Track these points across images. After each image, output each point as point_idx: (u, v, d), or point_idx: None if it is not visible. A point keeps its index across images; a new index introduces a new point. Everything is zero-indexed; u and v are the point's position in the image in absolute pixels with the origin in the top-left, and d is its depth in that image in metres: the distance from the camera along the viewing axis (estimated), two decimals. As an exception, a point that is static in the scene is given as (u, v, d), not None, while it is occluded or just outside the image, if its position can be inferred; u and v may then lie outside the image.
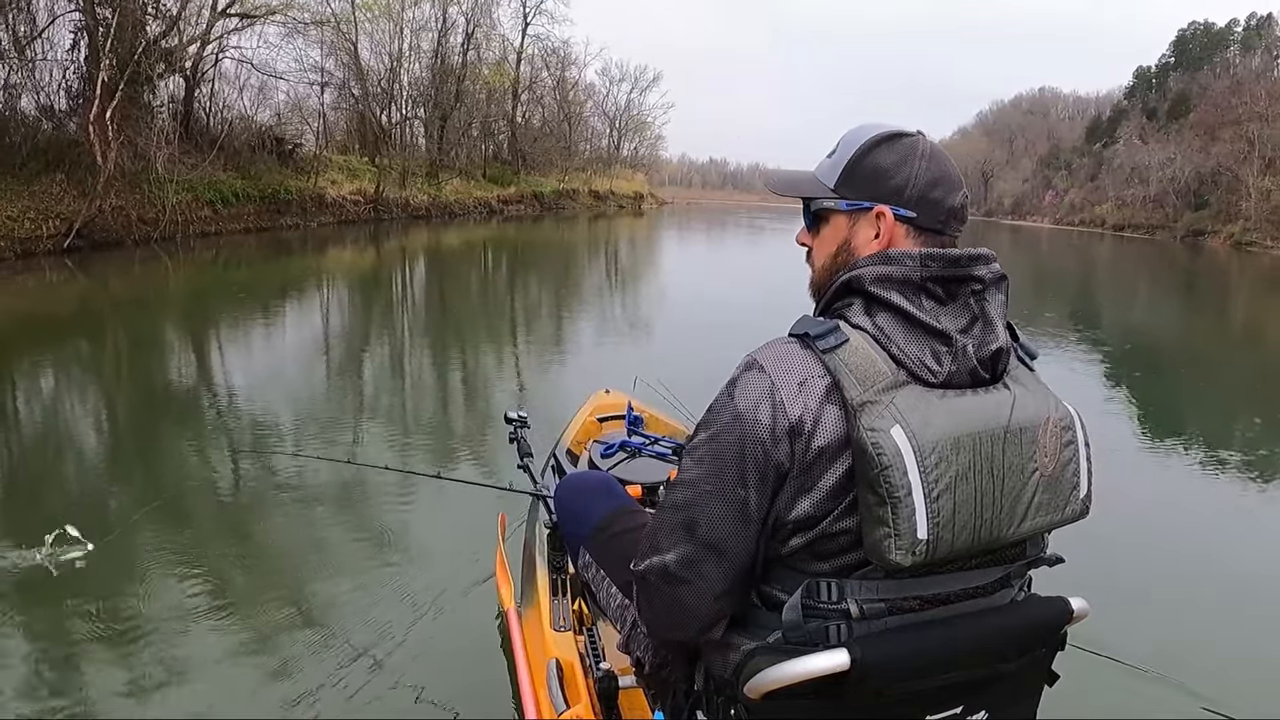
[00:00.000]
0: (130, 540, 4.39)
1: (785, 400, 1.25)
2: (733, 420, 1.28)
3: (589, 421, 4.02)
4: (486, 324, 13.03)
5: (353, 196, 28.20)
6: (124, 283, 15.40)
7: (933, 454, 1.20)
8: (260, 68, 25.68)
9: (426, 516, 4.76)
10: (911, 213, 1.37)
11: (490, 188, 40.84)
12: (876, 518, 1.19)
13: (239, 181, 22.70)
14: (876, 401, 1.21)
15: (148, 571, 4.04)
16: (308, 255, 21.25)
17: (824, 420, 1.24)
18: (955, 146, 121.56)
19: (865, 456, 1.19)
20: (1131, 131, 67.55)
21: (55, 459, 5.80)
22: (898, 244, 1.37)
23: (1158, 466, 6.72)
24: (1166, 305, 21.51)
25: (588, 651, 2.45)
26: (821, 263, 1.48)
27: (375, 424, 6.94)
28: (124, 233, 18.07)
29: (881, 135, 1.42)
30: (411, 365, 9.74)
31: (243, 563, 4.27)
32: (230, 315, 12.23)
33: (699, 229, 41.20)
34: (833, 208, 1.44)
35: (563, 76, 55.33)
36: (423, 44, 38.18)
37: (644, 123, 73.08)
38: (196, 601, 3.76)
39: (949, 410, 1.24)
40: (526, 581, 2.99)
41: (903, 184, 1.37)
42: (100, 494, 5.28)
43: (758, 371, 1.29)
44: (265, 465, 5.65)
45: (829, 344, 1.27)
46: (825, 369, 1.26)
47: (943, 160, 1.41)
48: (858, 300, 1.34)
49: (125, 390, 8.09)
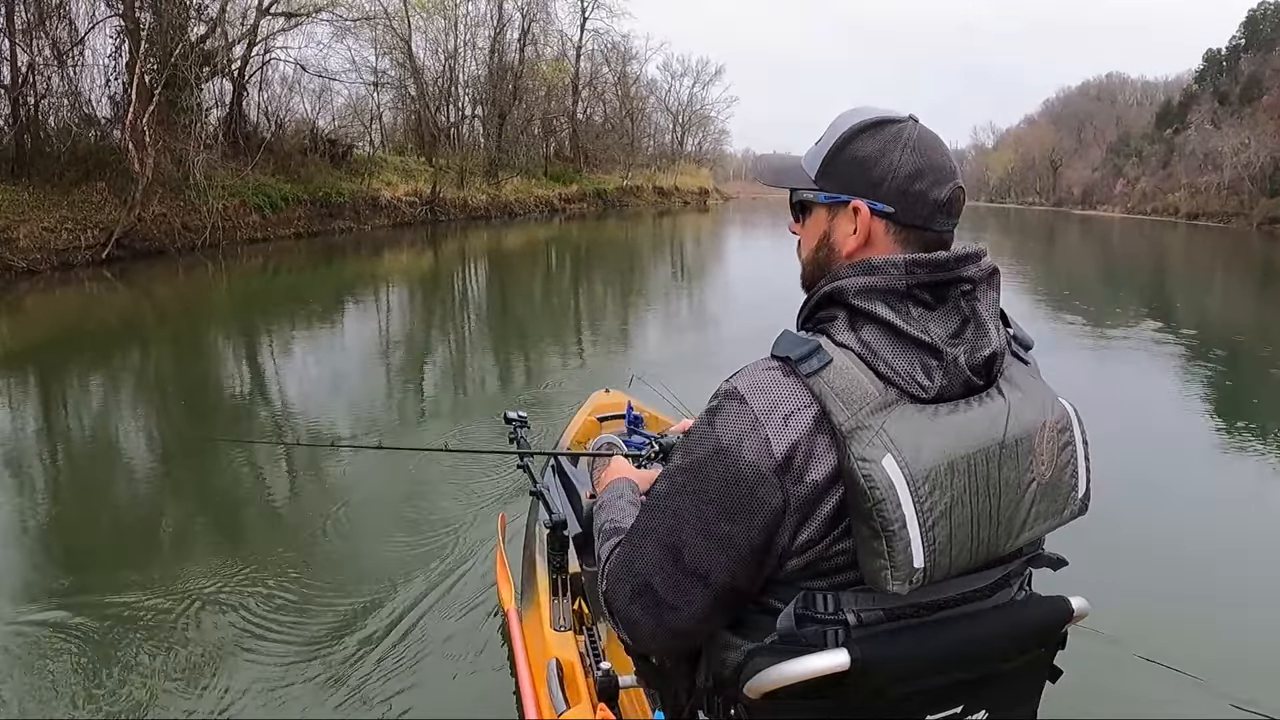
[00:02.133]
0: (151, 543, 4.65)
1: (771, 435, 1.18)
2: (714, 453, 1.21)
3: (589, 421, 4.03)
4: (544, 326, 12.65)
5: (408, 198, 27.39)
6: (167, 292, 14.89)
7: (926, 482, 1.15)
8: (309, 67, 24.98)
9: (426, 518, 4.79)
10: (889, 207, 1.28)
11: (552, 186, 40.10)
12: (871, 549, 1.15)
13: (288, 185, 21.96)
14: (866, 427, 1.15)
15: (151, 574, 4.15)
16: (358, 260, 20.52)
17: (815, 452, 1.18)
18: (1023, 136, 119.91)
19: (857, 489, 1.14)
20: (1203, 117, 65.09)
21: (109, 478, 5.85)
22: (876, 241, 1.29)
23: (1224, 462, 6.60)
24: (1240, 297, 20.26)
25: (588, 651, 2.46)
26: (806, 255, 1.39)
27: (401, 414, 7.33)
28: (166, 241, 17.39)
29: (865, 123, 1.31)
30: (455, 365, 9.81)
31: (243, 564, 4.26)
32: (271, 324, 12.07)
33: (764, 224, 40.09)
34: (812, 200, 1.35)
35: (623, 72, 54.59)
36: (479, 40, 37.44)
37: (707, 117, 72.59)
38: (196, 602, 3.83)
39: (941, 431, 1.18)
40: (526, 581, 3.03)
41: (881, 176, 1.28)
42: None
43: (739, 403, 1.21)
44: (260, 467, 5.78)
45: (812, 367, 1.19)
46: (811, 395, 1.19)
47: (930, 150, 1.29)
48: (841, 313, 1.26)
49: (168, 399, 8.15)
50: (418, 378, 9.04)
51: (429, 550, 4.37)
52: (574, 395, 6.30)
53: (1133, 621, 3.53)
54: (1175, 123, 76.04)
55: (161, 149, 17.12)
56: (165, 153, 17.42)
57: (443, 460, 5.47)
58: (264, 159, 21.62)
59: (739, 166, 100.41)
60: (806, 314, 1.33)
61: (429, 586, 3.96)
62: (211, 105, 22.27)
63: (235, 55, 22.56)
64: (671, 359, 9.43)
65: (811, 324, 1.31)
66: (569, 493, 3.32)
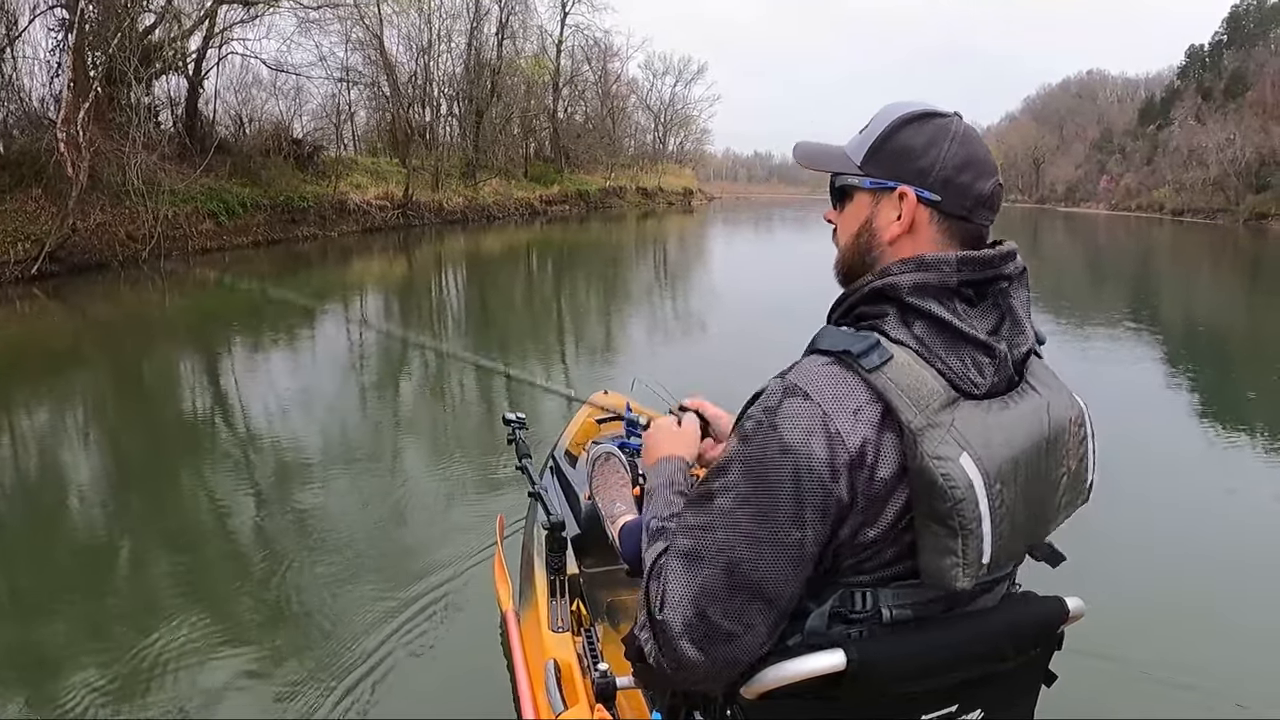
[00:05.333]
0: (147, 560, 4.59)
1: (842, 430, 1.15)
2: (780, 454, 1.15)
3: (587, 423, 4.00)
4: (520, 335, 12.11)
5: (379, 201, 25.78)
6: (105, 311, 13.42)
7: (997, 480, 1.17)
8: (271, 62, 23.33)
9: (424, 519, 4.87)
10: (936, 196, 1.28)
11: (532, 188, 38.78)
12: (944, 548, 1.16)
13: (247, 189, 20.22)
14: (936, 425, 1.15)
15: (157, 577, 4.32)
16: (323, 269, 18.90)
17: (884, 449, 1.16)
18: (1005, 133, 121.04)
19: (935, 489, 1.14)
20: (1187, 112, 66.48)
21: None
22: (919, 229, 1.29)
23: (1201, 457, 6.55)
24: (1227, 294, 19.43)
25: (585, 652, 2.46)
26: (845, 241, 1.38)
27: (380, 426, 7.18)
28: (108, 253, 15.73)
29: (913, 113, 1.32)
30: (436, 372, 9.25)
31: (244, 569, 4.35)
32: (225, 342, 10.89)
33: (751, 225, 39.63)
34: (856, 184, 1.35)
35: (605, 69, 53.40)
36: (455, 35, 35.92)
37: (689, 116, 72.04)
38: (197, 602, 3.90)
39: (1000, 426, 1.20)
40: (525, 583, 2.99)
41: (929, 165, 1.28)
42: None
43: (802, 399, 1.17)
44: (257, 471, 5.87)
45: (873, 362, 1.17)
46: (874, 392, 1.17)
47: (975, 144, 1.31)
48: (892, 310, 1.25)
49: (102, 429, 7.46)
50: (393, 392, 8.54)
51: (427, 552, 4.39)
52: (558, 407, 6.32)
53: (1131, 622, 3.50)
54: (1159, 119, 77.31)
55: (98, 151, 15.43)
56: (104, 156, 15.74)
57: (443, 461, 6.00)
58: (221, 161, 19.86)
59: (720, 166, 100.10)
60: (845, 309, 1.32)
61: (427, 588, 3.96)
62: (163, 104, 20.64)
63: (190, 49, 20.93)
64: (673, 370, 9.09)
65: (850, 320, 1.30)
66: (567, 494, 3.42)
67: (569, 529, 2.89)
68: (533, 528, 3.20)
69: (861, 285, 1.28)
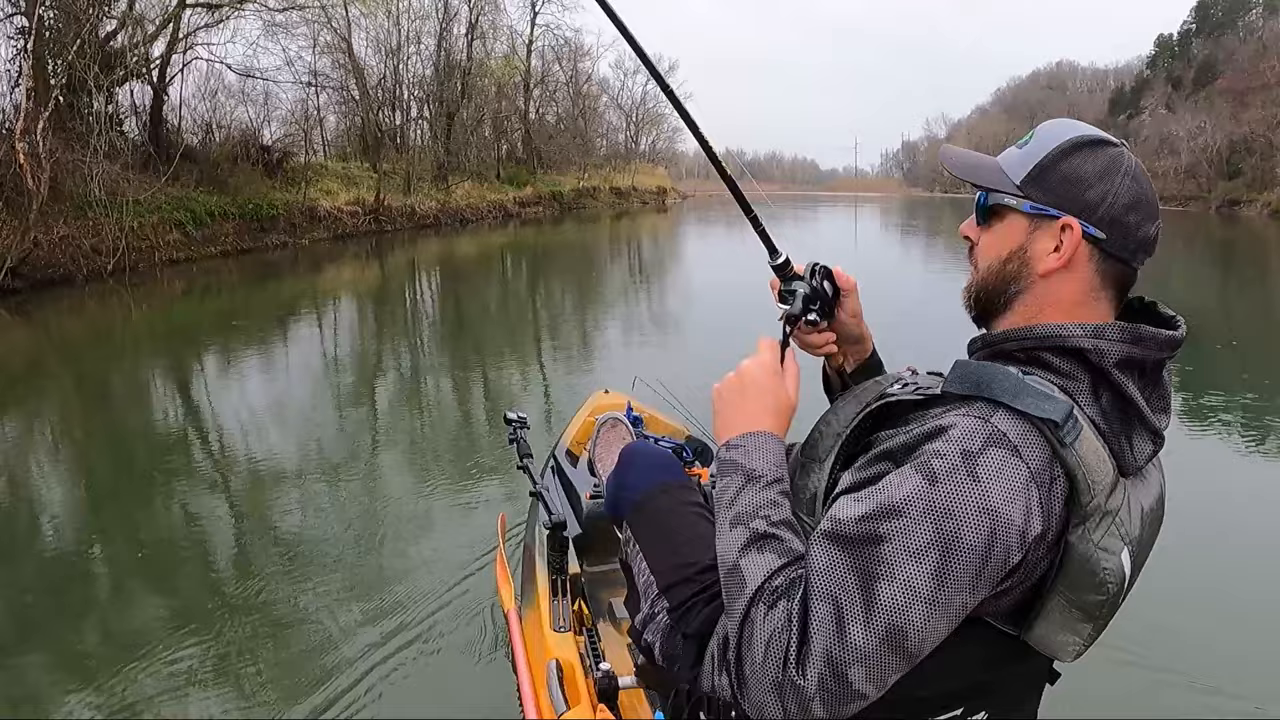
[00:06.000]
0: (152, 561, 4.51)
1: (1043, 500, 1.07)
2: (980, 514, 1.03)
3: (588, 422, 3.97)
4: (501, 336, 12.00)
5: (350, 207, 25.30)
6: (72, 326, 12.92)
7: (1135, 572, 1.15)
8: (236, 67, 22.86)
9: (426, 519, 4.89)
10: (1101, 234, 1.19)
11: (505, 190, 38.31)
12: (1072, 628, 1.13)
13: (214, 198, 19.69)
14: (1108, 513, 1.09)
15: (165, 583, 4.28)
16: (295, 278, 18.45)
17: (1060, 525, 1.09)
18: (975, 126, 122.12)
19: (1092, 580, 1.09)
20: (1157, 102, 68.10)
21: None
22: (1077, 266, 1.20)
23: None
24: (1204, 280, 19.32)
25: (587, 652, 2.48)
26: (988, 264, 1.28)
27: (376, 433, 7.07)
28: (73, 267, 15.18)
29: (1085, 138, 1.23)
30: (423, 376, 9.42)
31: (244, 569, 4.38)
32: (197, 356, 10.53)
33: (724, 223, 39.34)
34: (1013, 206, 1.24)
35: (575, 69, 53.03)
36: (424, 37, 35.46)
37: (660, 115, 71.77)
38: (202, 603, 3.95)
39: (1142, 505, 1.17)
40: (526, 582, 3.01)
41: (1099, 199, 1.19)
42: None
43: (1010, 454, 1.06)
44: (258, 479, 5.74)
45: (1071, 435, 1.07)
46: (1063, 466, 1.07)
47: (1145, 182, 1.22)
48: (1085, 377, 1.17)
49: (74, 446, 7.14)
50: (369, 402, 8.24)
51: (429, 551, 4.43)
52: (557, 406, 6.31)
53: (1134, 619, 3.16)
54: (1129, 109, 77.82)
55: (59, 162, 14.95)
56: (65, 166, 15.27)
57: (443, 461, 6.05)
58: (187, 170, 19.35)
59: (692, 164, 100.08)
60: (1003, 351, 1.22)
61: (429, 588, 3.99)
62: (128, 112, 20.14)
63: (154, 56, 20.43)
64: (656, 367, 8.52)
65: (1004, 359, 1.21)
66: (568, 493, 3.44)
67: (570, 529, 2.92)
68: (534, 527, 3.20)
69: (1056, 337, 1.17)
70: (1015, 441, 1.06)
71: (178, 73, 21.27)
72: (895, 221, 47.34)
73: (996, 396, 1.10)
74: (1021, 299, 1.24)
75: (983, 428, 1.07)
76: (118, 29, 18.25)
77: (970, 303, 1.31)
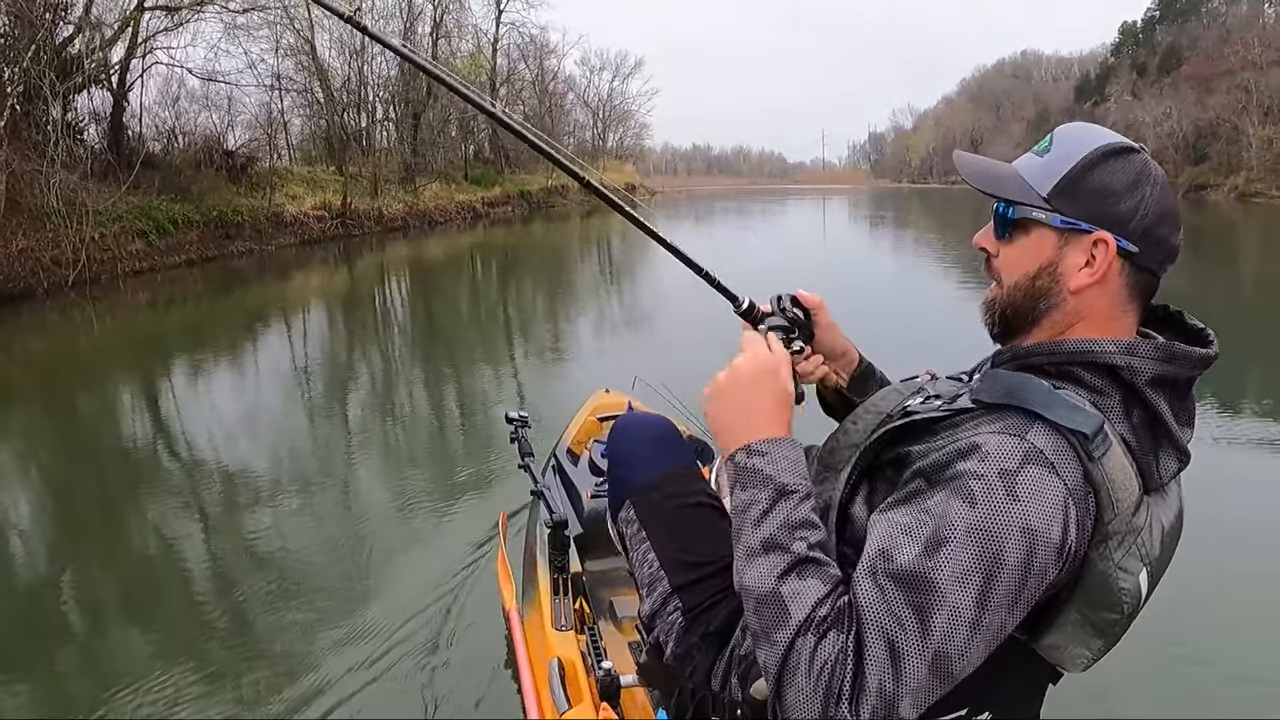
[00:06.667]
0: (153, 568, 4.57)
1: (1080, 518, 1.05)
2: (1021, 534, 1.02)
3: (589, 421, 4.01)
4: (479, 338, 12.12)
5: (316, 212, 24.93)
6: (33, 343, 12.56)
7: (1155, 587, 1.14)
8: (197, 71, 22.46)
9: (427, 519, 4.90)
10: (1134, 247, 1.16)
11: (473, 190, 37.99)
12: (1085, 641, 1.12)
13: (178, 206, 19.25)
14: (1131, 531, 1.08)
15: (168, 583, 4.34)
16: (262, 286, 18.09)
17: (1086, 540, 1.08)
18: (942, 116, 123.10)
19: (1109, 598, 1.08)
20: (1122, 89, 68.87)
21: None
22: (1110, 280, 1.18)
23: None
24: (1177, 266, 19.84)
25: (589, 650, 2.47)
26: (1015, 280, 1.23)
27: (377, 430, 7.13)
28: (33, 280, 14.80)
29: (1110, 148, 1.19)
30: (408, 378, 9.45)
31: (246, 567, 4.42)
32: (165, 368, 10.24)
33: (692, 219, 39.51)
34: (1042, 220, 1.20)
35: (541, 67, 52.81)
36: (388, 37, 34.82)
37: (627, 112, 71.84)
38: (207, 603, 4.02)
39: (1163, 526, 1.14)
40: (528, 581, 3.02)
41: (1130, 212, 1.16)
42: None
43: (1048, 472, 1.04)
44: (248, 488, 5.66)
45: (1100, 450, 1.06)
46: (1091, 482, 1.06)
47: (1170, 191, 1.21)
48: (1117, 394, 1.15)
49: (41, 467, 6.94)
50: (341, 413, 7.97)
51: (428, 552, 4.43)
52: (558, 405, 6.12)
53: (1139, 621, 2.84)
54: (1094, 96, 78.81)
55: (14, 173, 14.59)
56: (20, 177, 14.90)
57: (445, 459, 6.14)
58: (149, 178, 18.90)
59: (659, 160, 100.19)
60: (1032, 365, 1.19)
61: (429, 588, 3.96)
62: (87, 120, 19.72)
63: (113, 61, 20.02)
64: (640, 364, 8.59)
65: (1033, 373, 1.17)
66: (569, 492, 3.42)
67: (572, 527, 2.92)
68: (535, 526, 3.21)
69: (1088, 353, 1.15)
70: (1052, 458, 1.04)
71: (138, 78, 20.86)
72: (864, 214, 47.48)
73: (1028, 405, 1.08)
74: (1050, 315, 1.21)
75: (1019, 445, 1.06)
76: (75, 34, 17.82)
77: (994, 319, 1.27)
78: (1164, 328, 1.28)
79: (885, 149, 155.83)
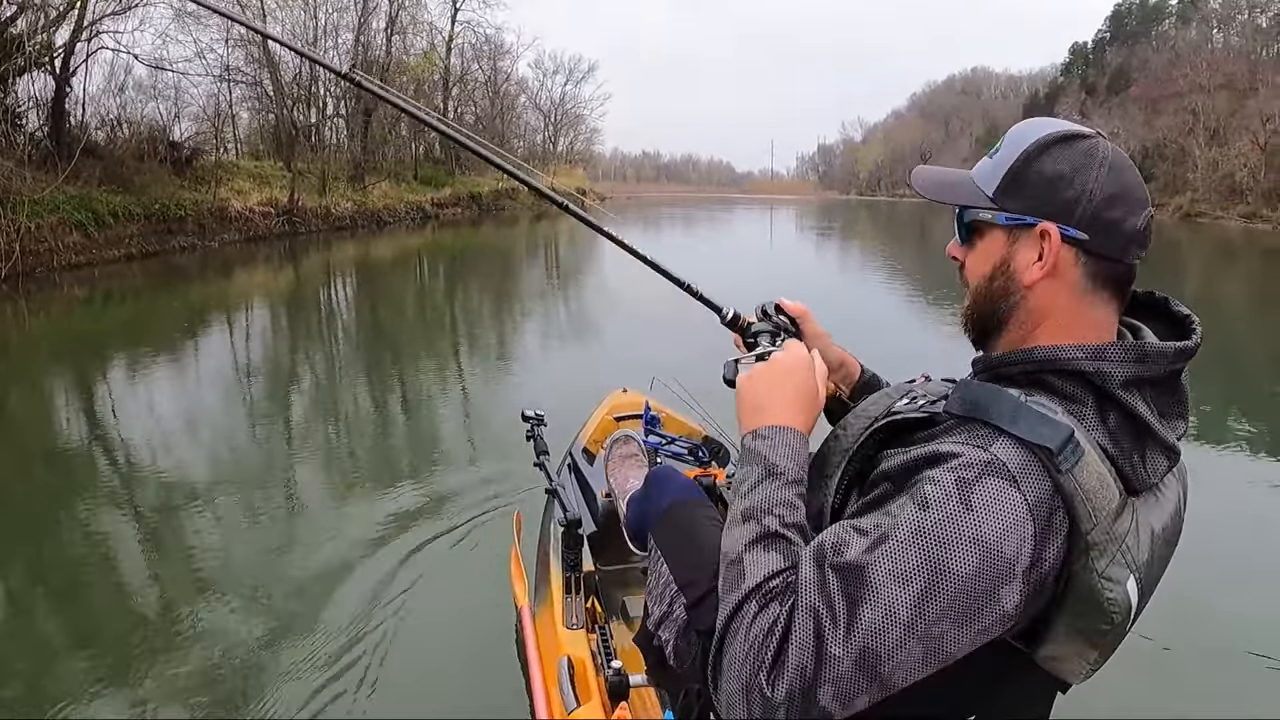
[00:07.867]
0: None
1: (1039, 535, 1.02)
2: (970, 544, 1.00)
3: (606, 420, 4.01)
4: (425, 340, 11.79)
5: (262, 208, 24.31)
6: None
7: (1147, 595, 1.11)
8: (144, 59, 21.83)
9: (441, 518, 4.91)
10: (1083, 234, 1.13)
11: (422, 190, 37.56)
12: (1078, 653, 1.09)
13: (118, 198, 18.60)
14: (1113, 540, 1.04)
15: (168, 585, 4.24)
16: (205, 283, 17.57)
17: (1057, 555, 1.04)
18: (892, 130, 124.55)
19: (1097, 610, 1.05)
20: (1071, 107, 69.35)
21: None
22: (1063, 272, 1.15)
23: None
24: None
25: (599, 650, 2.49)
26: (976, 284, 1.23)
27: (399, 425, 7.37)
28: (-36, 273, 14.20)
29: (1054, 135, 1.16)
30: (326, 400, 8.66)
31: (256, 563, 4.42)
32: (101, 367, 9.90)
33: (640, 224, 39.51)
34: (989, 220, 1.20)
35: (495, 68, 52.41)
36: (341, 31, 34.56)
37: (579, 116, 71.73)
38: (215, 602, 3.96)
39: (1153, 529, 1.11)
40: (541, 580, 3.00)
41: (1075, 198, 1.13)
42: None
43: (1009, 484, 1.02)
44: (278, 480, 5.80)
45: (1070, 462, 1.02)
46: (1062, 495, 1.03)
47: (1127, 171, 1.15)
48: (1091, 398, 1.12)
49: None
50: (284, 416, 7.89)
51: (443, 549, 4.48)
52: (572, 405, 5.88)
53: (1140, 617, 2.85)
54: (1043, 114, 78.56)
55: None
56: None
57: (462, 458, 6.19)
58: (90, 167, 18.22)
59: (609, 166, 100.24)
60: (1004, 374, 1.17)
61: (445, 583, 4.04)
62: (28, 105, 19.03)
63: (57, 44, 19.32)
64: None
65: (1006, 382, 1.15)
66: (584, 491, 3.47)
67: (585, 526, 2.94)
68: (549, 524, 3.20)
69: (1058, 360, 1.12)
70: (1014, 471, 1.02)
71: (82, 63, 20.12)
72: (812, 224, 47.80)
73: (992, 419, 1.07)
74: (1014, 314, 1.19)
75: (980, 456, 1.04)
76: (17, 14, 17.16)
77: (967, 326, 1.27)
78: (1150, 316, 1.26)
79: (834, 160, 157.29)
